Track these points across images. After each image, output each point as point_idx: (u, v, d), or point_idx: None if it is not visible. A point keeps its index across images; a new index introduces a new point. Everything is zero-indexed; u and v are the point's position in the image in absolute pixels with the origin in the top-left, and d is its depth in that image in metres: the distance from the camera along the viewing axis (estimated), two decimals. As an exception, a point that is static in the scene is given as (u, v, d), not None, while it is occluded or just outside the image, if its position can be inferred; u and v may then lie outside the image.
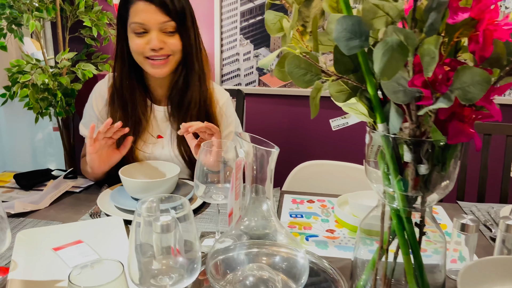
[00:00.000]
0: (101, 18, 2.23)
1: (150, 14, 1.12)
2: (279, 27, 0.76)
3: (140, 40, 1.15)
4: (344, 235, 0.98)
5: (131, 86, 1.23)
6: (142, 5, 1.12)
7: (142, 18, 1.13)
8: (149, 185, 1.07)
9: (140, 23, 1.13)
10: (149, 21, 1.13)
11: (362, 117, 0.67)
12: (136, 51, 1.16)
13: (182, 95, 1.23)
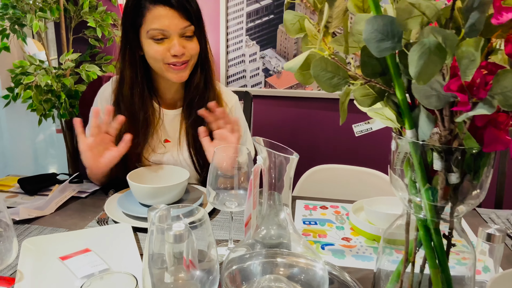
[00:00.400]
0: (106, 19, 2.20)
1: (171, 20, 1.08)
2: (298, 28, 0.73)
3: (160, 46, 1.11)
4: (361, 243, 0.95)
5: (142, 92, 1.19)
6: (162, 10, 1.08)
7: (163, 24, 1.09)
8: (158, 190, 1.04)
9: (160, 30, 1.09)
10: (170, 27, 1.09)
11: (389, 122, 0.64)
12: (156, 58, 1.12)
13: (202, 99, 1.20)
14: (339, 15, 0.66)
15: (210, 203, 0.87)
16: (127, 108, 1.19)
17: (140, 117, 1.19)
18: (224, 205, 0.87)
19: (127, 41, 1.16)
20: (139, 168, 1.15)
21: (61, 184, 1.20)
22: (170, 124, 1.25)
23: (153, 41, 1.11)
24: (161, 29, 1.09)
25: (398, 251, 0.73)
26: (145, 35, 1.12)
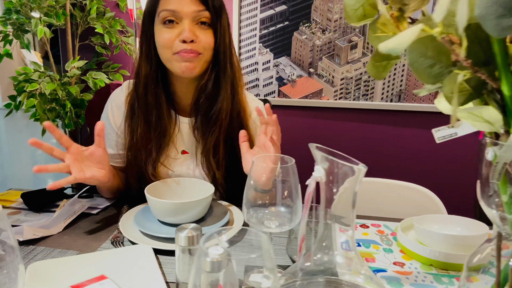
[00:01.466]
0: (114, 25, 2.11)
1: (184, 1, 0.99)
2: (361, 14, 0.61)
3: (169, 33, 1.00)
4: (416, 269, 0.82)
5: (157, 91, 1.08)
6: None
7: (174, 5, 0.99)
8: (181, 206, 0.92)
9: (171, 10, 0.99)
10: (182, 9, 0.99)
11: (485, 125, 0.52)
12: (164, 45, 1.01)
13: (211, 103, 1.08)
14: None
15: (247, 222, 0.75)
16: (142, 109, 1.08)
17: (153, 118, 1.08)
18: (262, 224, 0.75)
19: (145, 33, 1.06)
20: (157, 181, 1.03)
21: (69, 199, 1.08)
22: (188, 134, 1.14)
23: (163, 26, 1.01)
24: (171, 10, 0.99)
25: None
26: (157, 20, 1.02)
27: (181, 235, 0.70)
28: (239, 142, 1.01)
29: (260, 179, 0.73)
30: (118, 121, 1.13)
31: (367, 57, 2.15)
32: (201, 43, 1.01)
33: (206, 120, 1.08)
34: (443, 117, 2.12)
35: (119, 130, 1.13)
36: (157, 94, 1.08)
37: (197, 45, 1.00)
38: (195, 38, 0.99)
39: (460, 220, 0.94)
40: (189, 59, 1.01)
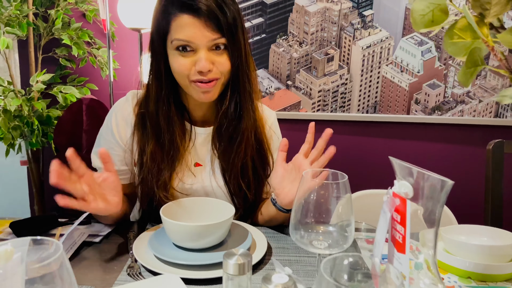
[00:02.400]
0: (82, 36, 1.97)
1: (197, 30, 0.91)
2: (429, 20, 0.59)
3: (185, 60, 0.93)
4: (456, 283, 0.81)
5: (169, 111, 1.00)
6: (188, 18, 0.91)
7: (188, 35, 0.91)
8: (204, 229, 0.84)
9: (185, 40, 0.92)
10: (196, 39, 0.91)
11: None
12: (180, 73, 0.95)
13: (235, 128, 1.02)
14: (501, 0, 0.53)
15: (295, 241, 0.69)
16: (153, 127, 1.00)
17: (166, 140, 1.00)
18: (310, 244, 0.70)
19: (155, 52, 0.98)
20: (171, 202, 0.94)
21: (63, 226, 0.97)
22: (201, 144, 1.06)
23: (178, 52, 0.94)
24: (185, 40, 0.92)
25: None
26: (170, 45, 0.95)
27: (230, 262, 0.64)
28: (279, 150, 0.95)
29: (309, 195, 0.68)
30: (125, 135, 1.04)
31: (343, 69, 2.17)
32: (218, 69, 0.95)
33: (231, 144, 1.02)
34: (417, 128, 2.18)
35: (126, 145, 1.03)
36: (169, 118, 1.00)
37: (215, 72, 0.94)
38: (212, 67, 0.93)
39: (483, 230, 0.94)
40: (206, 90, 0.95)
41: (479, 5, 0.53)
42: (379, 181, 2.30)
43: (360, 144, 2.27)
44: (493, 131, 2.23)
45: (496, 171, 1.17)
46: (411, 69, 2.17)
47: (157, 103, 0.99)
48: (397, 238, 0.52)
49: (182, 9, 0.91)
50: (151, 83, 1.00)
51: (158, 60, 0.98)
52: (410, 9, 2.10)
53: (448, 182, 0.51)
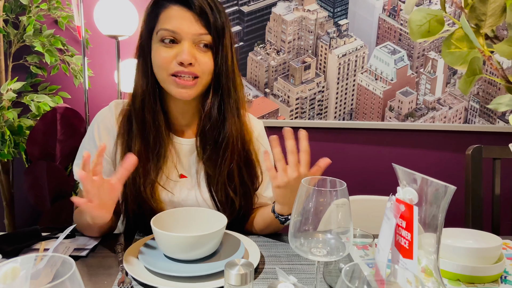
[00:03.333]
0: (54, 43, 1.92)
1: (185, 22, 0.92)
2: (425, 30, 0.61)
3: (167, 52, 0.93)
4: (446, 285, 0.82)
5: (154, 108, 0.99)
6: (177, 10, 0.92)
7: (175, 25, 0.92)
8: (197, 240, 0.83)
9: (171, 31, 0.92)
10: (183, 30, 0.92)
11: None
12: (161, 65, 0.94)
13: (219, 131, 1.01)
14: (495, 12, 0.55)
15: (294, 249, 0.69)
16: (138, 125, 0.99)
17: (151, 137, 0.98)
18: (310, 252, 0.70)
19: (142, 49, 0.98)
20: (161, 213, 0.92)
21: (46, 241, 0.93)
22: (185, 156, 1.05)
23: (161, 44, 0.94)
24: (171, 30, 0.93)
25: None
26: (155, 38, 0.95)
27: (232, 272, 0.63)
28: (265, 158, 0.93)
29: (308, 203, 0.68)
30: (107, 145, 1.01)
31: (320, 77, 2.20)
32: (200, 66, 0.95)
33: (216, 149, 1.01)
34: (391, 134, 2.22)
35: (109, 155, 1.01)
36: (155, 112, 0.99)
37: (195, 68, 0.94)
38: (193, 61, 0.93)
39: (467, 233, 0.97)
40: (184, 86, 0.94)
41: (475, 17, 0.55)
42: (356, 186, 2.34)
43: (337, 150, 2.30)
44: (463, 136, 2.32)
45: (475, 175, 1.22)
46: (385, 77, 2.23)
47: (143, 100, 0.99)
48: (402, 243, 0.53)
49: (175, 0, 0.93)
50: (137, 81, 0.99)
51: (145, 56, 0.98)
52: (383, 19, 2.17)
53: (451, 187, 0.52)
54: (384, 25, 2.18)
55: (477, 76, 0.54)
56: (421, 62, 2.24)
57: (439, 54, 2.23)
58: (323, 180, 0.70)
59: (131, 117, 1.00)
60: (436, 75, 2.25)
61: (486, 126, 2.29)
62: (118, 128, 1.01)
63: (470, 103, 2.28)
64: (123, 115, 1.02)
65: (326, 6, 2.15)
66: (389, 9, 2.17)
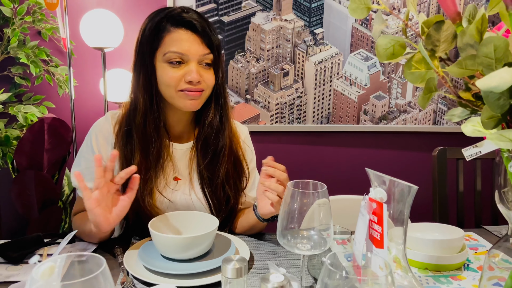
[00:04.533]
0: (39, 54, 1.96)
1: (193, 45, 1.01)
2: (390, 53, 0.71)
3: (175, 72, 1.02)
4: (416, 273, 0.93)
5: (156, 122, 1.07)
6: (184, 33, 1.01)
7: (184, 48, 1.01)
8: (192, 241, 0.91)
9: (179, 53, 1.01)
10: (190, 51, 1.01)
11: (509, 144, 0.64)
12: (170, 84, 1.02)
13: (217, 137, 1.11)
14: (447, 38, 0.65)
15: (282, 245, 0.78)
16: (140, 138, 1.06)
17: (154, 149, 1.06)
18: (296, 247, 0.79)
19: (142, 65, 1.05)
20: (156, 217, 1.00)
21: (49, 247, 0.99)
22: (180, 160, 1.13)
23: (169, 65, 1.03)
24: (180, 53, 1.01)
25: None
26: (161, 58, 1.03)
27: (229, 266, 0.71)
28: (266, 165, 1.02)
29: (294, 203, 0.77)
30: (105, 153, 1.08)
31: (298, 83, 2.30)
32: (205, 82, 1.04)
33: (216, 154, 1.10)
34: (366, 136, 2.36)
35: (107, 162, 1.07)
36: (157, 125, 1.07)
37: (202, 84, 1.04)
38: (201, 79, 1.02)
39: (434, 227, 1.07)
40: (194, 97, 1.03)
41: (431, 43, 0.66)
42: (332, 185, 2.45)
43: (315, 152, 2.41)
44: (432, 137, 2.46)
45: (441, 175, 1.33)
46: (359, 82, 2.35)
47: (145, 115, 1.06)
48: (375, 236, 0.62)
49: (180, 25, 1.02)
50: (138, 97, 1.06)
51: (148, 76, 1.05)
52: (356, 27, 2.29)
53: (414, 187, 0.62)
54: (357, 33, 2.30)
55: (433, 93, 0.64)
56: (392, 68, 2.37)
57: (409, 60, 2.37)
58: (306, 183, 0.79)
59: (129, 130, 1.07)
60: (407, 80, 2.38)
61: (453, 127, 2.44)
62: (115, 137, 1.08)
63: (438, 105, 2.43)
64: (119, 127, 1.09)
65: (302, 16, 2.25)
66: (362, 18, 2.30)
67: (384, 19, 0.70)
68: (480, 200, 1.42)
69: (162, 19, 1.04)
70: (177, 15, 1.03)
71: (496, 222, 1.37)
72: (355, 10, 0.67)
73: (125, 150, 1.06)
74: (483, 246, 1.08)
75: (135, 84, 1.07)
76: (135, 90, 1.07)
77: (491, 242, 1.10)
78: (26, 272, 0.90)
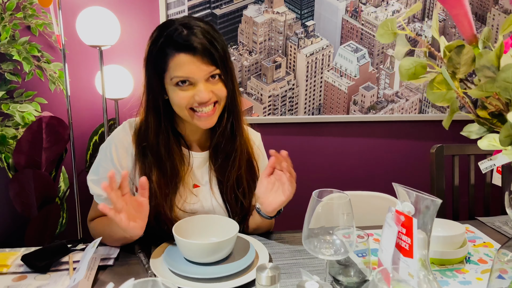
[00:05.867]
0: (31, 50, 1.92)
1: (195, 67, 1.00)
2: (412, 73, 0.76)
3: (185, 93, 1.03)
4: (425, 267, 1.00)
5: (168, 140, 1.10)
6: (185, 57, 1.00)
7: (187, 72, 1.01)
8: (217, 246, 0.96)
9: (184, 77, 1.01)
10: (194, 74, 1.01)
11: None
12: (181, 105, 1.04)
13: (230, 146, 1.14)
14: (467, 61, 0.71)
15: (308, 250, 0.83)
16: (155, 157, 1.09)
17: (168, 167, 1.09)
18: (320, 252, 0.84)
19: (149, 87, 1.07)
20: (178, 222, 1.03)
21: (72, 253, 1.02)
22: (198, 168, 1.16)
23: (178, 87, 1.04)
24: (185, 77, 1.02)
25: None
26: (169, 82, 1.05)
27: (263, 274, 0.76)
28: (268, 165, 1.07)
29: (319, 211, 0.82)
30: (126, 164, 1.11)
31: (290, 76, 2.34)
32: (217, 95, 1.05)
33: (226, 159, 1.13)
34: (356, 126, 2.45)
35: (129, 174, 1.10)
36: (169, 146, 1.10)
37: (214, 98, 1.05)
38: (211, 96, 1.04)
39: (436, 222, 1.15)
40: (206, 118, 1.06)
41: (452, 66, 0.71)
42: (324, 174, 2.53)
43: (307, 143, 2.47)
44: (418, 125, 2.56)
45: (439, 170, 1.42)
46: (349, 73, 2.41)
47: (157, 135, 1.08)
48: (403, 246, 0.69)
49: (179, 49, 1.00)
50: (149, 117, 1.08)
51: (155, 97, 1.07)
52: (346, 19, 2.33)
53: (437, 201, 0.68)
54: (347, 25, 2.35)
55: (455, 113, 0.70)
56: (380, 59, 2.43)
57: (396, 51, 2.43)
58: (329, 192, 0.84)
59: (146, 149, 1.09)
60: (394, 70, 2.46)
61: (438, 116, 2.53)
62: (134, 147, 1.10)
63: (424, 95, 2.51)
64: (137, 138, 1.11)
65: (294, 8, 2.28)
66: (351, 10, 2.34)
67: (406, 42, 0.74)
68: (474, 193, 1.52)
69: (163, 44, 1.02)
70: (178, 36, 1.00)
71: (488, 214, 1.47)
72: (383, 35, 0.71)
73: (144, 166, 1.09)
74: (480, 238, 1.17)
75: (145, 102, 1.09)
76: (146, 109, 1.09)
77: (486, 234, 1.19)
78: (56, 281, 0.93)
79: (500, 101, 0.69)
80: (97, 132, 2.11)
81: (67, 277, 0.95)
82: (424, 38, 2.44)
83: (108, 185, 0.90)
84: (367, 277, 0.92)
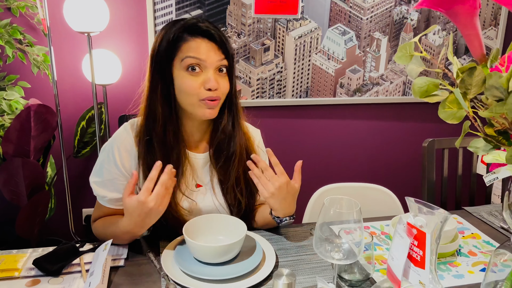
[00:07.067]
0: (13, 34, 1.85)
1: (210, 52, 1.04)
2: (424, 91, 0.80)
3: (195, 80, 1.05)
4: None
5: (176, 131, 1.11)
6: (202, 41, 1.04)
7: (202, 54, 1.04)
8: (228, 248, 0.99)
9: (197, 58, 1.04)
10: (208, 58, 1.04)
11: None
12: (190, 92, 1.05)
13: (230, 143, 1.16)
14: (478, 83, 0.75)
15: (318, 254, 0.88)
16: (160, 147, 1.10)
17: (174, 155, 1.11)
18: (330, 256, 0.89)
19: (159, 75, 1.08)
20: (187, 222, 1.06)
21: (83, 255, 1.04)
22: (200, 169, 1.18)
23: (188, 73, 1.05)
24: (198, 58, 1.04)
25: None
26: (179, 66, 1.06)
27: (280, 282, 0.81)
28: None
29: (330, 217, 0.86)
30: (129, 165, 1.11)
31: (278, 59, 2.34)
32: (221, 89, 1.07)
33: (227, 158, 1.15)
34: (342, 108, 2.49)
35: (130, 174, 1.10)
36: (176, 134, 1.11)
37: (218, 91, 1.07)
38: (218, 87, 1.06)
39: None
40: (212, 106, 1.06)
41: (464, 87, 0.74)
42: (311, 155, 2.59)
43: (295, 125, 2.50)
44: (402, 106, 2.63)
45: (429, 163, 1.48)
46: (336, 56, 2.43)
47: (164, 125, 1.09)
48: (414, 256, 0.74)
49: (197, 34, 1.04)
50: (157, 107, 1.09)
51: (166, 84, 1.08)
52: (335, 2, 2.33)
53: (449, 216, 0.73)
54: (335, 8, 2.34)
55: (466, 132, 0.74)
56: (367, 42, 2.45)
57: (383, 34, 2.46)
58: (340, 200, 0.88)
59: (150, 140, 1.10)
60: (380, 53, 2.49)
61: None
62: (137, 149, 1.10)
63: (408, 77, 2.57)
64: (139, 138, 1.11)
65: (283, -10, 2.25)
66: (340, -7, 2.33)
67: (421, 62, 0.77)
68: (461, 184, 1.60)
69: (179, 29, 1.05)
70: (194, 25, 1.05)
71: (473, 203, 1.56)
72: (401, 57, 0.74)
73: (147, 159, 1.10)
74: (468, 229, 1.25)
75: (152, 94, 1.09)
76: (152, 101, 1.09)
77: (473, 225, 1.27)
78: (70, 284, 0.95)
79: (507, 120, 0.73)
80: (84, 118, 2.07)
81: (80, 279, 0.97)
82: (410, 21, 2.46)
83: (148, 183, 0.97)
84: (370, 274, 0.98)
